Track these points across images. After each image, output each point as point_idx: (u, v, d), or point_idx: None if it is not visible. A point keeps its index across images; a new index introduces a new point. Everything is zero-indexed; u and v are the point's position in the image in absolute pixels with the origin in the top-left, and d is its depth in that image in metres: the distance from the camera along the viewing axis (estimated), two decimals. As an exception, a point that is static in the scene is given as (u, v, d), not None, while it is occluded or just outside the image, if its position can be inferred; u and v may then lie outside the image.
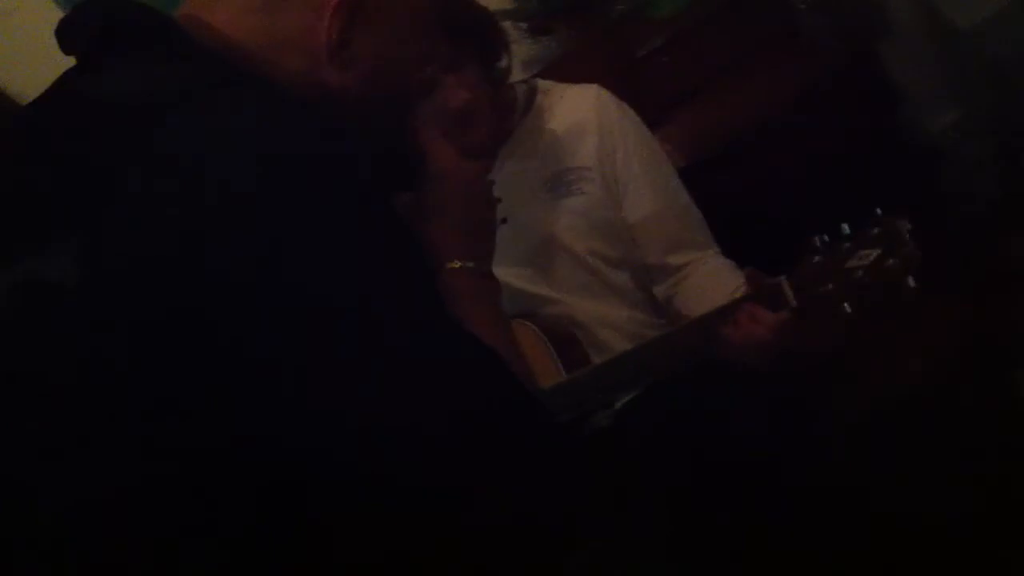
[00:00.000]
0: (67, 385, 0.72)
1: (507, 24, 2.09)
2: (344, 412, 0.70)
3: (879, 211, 1.39)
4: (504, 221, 1.71)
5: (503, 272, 1.72)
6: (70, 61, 0.88)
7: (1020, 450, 1.72)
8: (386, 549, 0.73)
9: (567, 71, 2.12)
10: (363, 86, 0.90)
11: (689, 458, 1.55)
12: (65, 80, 0.86)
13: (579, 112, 1.78)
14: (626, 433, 1.65)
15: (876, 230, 1.38)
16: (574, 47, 2.36)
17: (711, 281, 1.69)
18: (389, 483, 0.72)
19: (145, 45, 0.83)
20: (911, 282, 1.35)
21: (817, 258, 1.42)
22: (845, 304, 1.41)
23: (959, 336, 1.93)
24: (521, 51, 2.30)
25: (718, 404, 1.59)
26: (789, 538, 1.48)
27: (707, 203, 1.85)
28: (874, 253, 1.36)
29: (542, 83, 1.83)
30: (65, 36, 0.87)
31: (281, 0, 0.87)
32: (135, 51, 0.83)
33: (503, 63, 1.73)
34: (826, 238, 1.43)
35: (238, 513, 0.71)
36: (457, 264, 1.00)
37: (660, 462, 1.58)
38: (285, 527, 0.71)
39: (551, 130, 1.77)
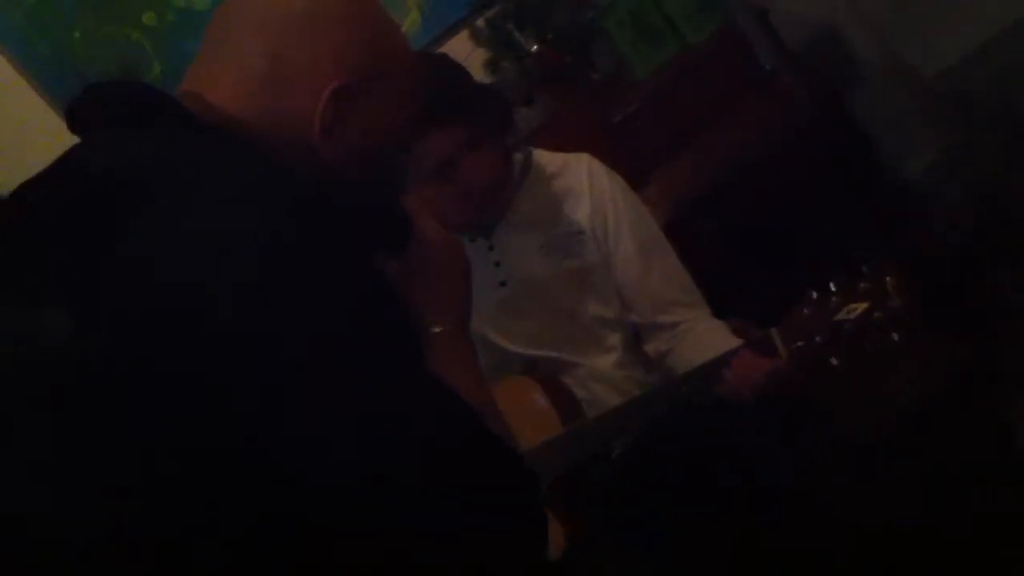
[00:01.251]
0: (71, 388, 0.76)
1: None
2: (327, 455, 0.75)
3: (865, 268, 1.44)
4: (504, 284, 1.77)
5: (501, 333, 1.78)
6: (54, 149, 0.93)
7: (998, 475, 1.76)
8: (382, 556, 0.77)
9: (549, 139, 2.16)
10: (353, 159, 0.99)
11: (683, 479, 1.62)
12: (70, 155, 0.92)
13: (572, 179, 1.83)
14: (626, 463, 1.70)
15: (863, 285, 1.44)
16: (554, 115, 2.41)
17: (708, 339, 1.72)
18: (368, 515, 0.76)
19: (148, 122, 0.90)
20: (895, 337, 1.41)
21: (806, 311, 1.47)
22: (833, 359, 1.46)
23: (938, 367, 1.97)
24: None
25: (710, 429, 1.65)
26: (778, 553, 1.52)
27: (689, 254, 1.89)
28: (861, 307, 1.42)
29: (536, 152, 1.89)
30: (73, 116, 0.94)
31: (281, 82, 0.95)
32: (138, 127, 0.90)
33: (511, 137, 1.80)
34: (814, 294, 1.48)
35: (239, 516, 0.75)
36: (437, 328, 1.05)
37: (655, 482, 1.65)
38: (285, 531, 0.75)
39: (547, 196, 1.82)
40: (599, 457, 1.69)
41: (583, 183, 1.82)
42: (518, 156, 1.86)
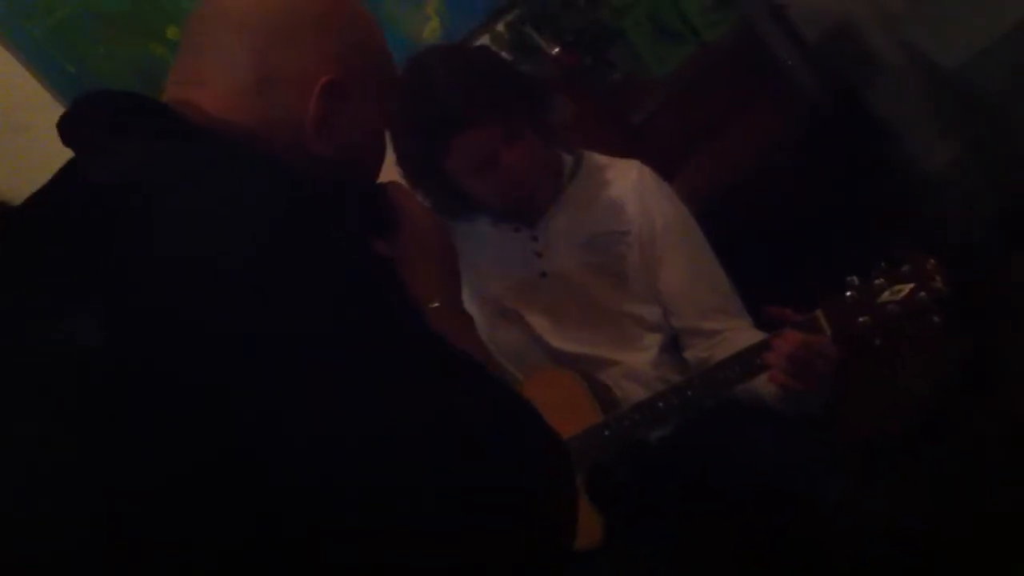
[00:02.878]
0: (73, 390, 0.76)
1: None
2: (340, 426, 0.74)
3: (908, 250, 1.46)
4: (544, 275, 1.81)
5: (541, 324, 1.81)
6: None
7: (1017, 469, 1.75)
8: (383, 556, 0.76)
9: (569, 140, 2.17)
10: (344, 152, 1.00)
11: (693, 481, 1.64)
12: (69, 168, 0.92)
13: (622, 182, 1.86)
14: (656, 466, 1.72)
15: (906, 267, 1.45)
16: (572, 117, 2.41)
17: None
18: (385, 489, 0.75)
19: (141, 129, 0.91)
20: (936, 319, 1.42)
21: (850, 293, 1.48)
22: (876, 339, 1.47)
23: (959, 362, 1.96)
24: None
25: (737, 436, 1.68)
26: (784, 556, 1.53)
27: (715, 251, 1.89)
28: (907, 288, 1.43)
29: (588, 153, 1.91)
30: (65, 130, 0.94)
31: (270, 82, 0.96)
32: (132, 135, 0.90)
33: (556, 122, 1.82)
34: (855, 279, 1.49)
35: (239, 519, 0.74)
36: (435, 304, 1.08)
37: (666, 483, 1.66)
38: (285, 533, 0.74)
39: (596, 196, 1.85)
40: (632, 449, 1.70)
41: (633, 187, 1.85)
42: (568, 155, 1.89)
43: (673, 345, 1.85)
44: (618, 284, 1.81)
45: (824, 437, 1.75)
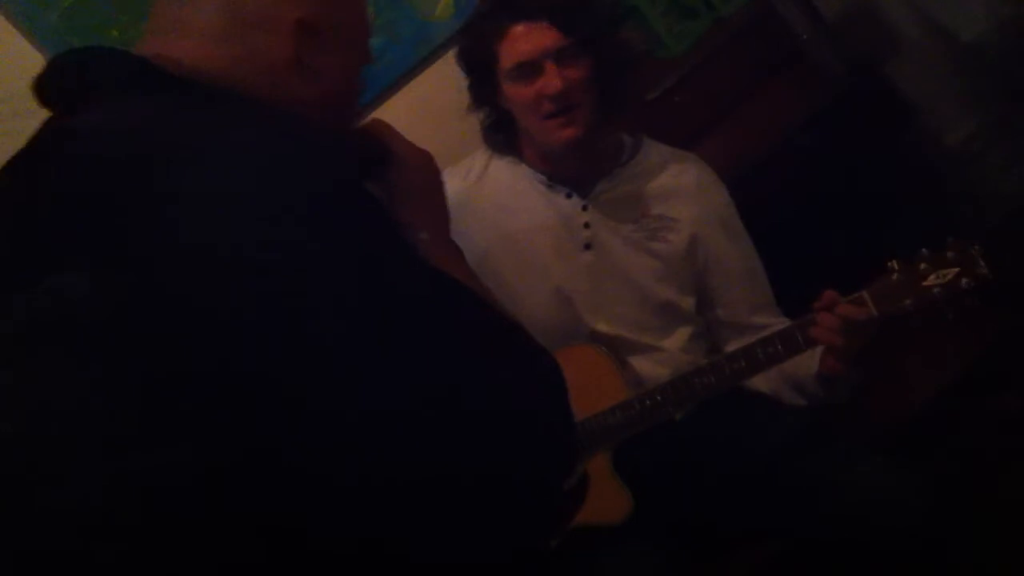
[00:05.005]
0: (86, 384, 0.76)
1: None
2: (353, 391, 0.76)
3: (950, 237, 1.49)
4: (588, 247, 1.81)
5: (579, 297, 1.81)
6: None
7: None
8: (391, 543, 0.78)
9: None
10: (321, 93, 1.00)
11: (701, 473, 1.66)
12: (51, 127, 0.92)
13: (679, 171, 1.87)
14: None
15: (951, 253, 1.48)
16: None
17: None
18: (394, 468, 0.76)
19: (124, 85, 0.91)
20: (976, 303, 1.46)
21: (896, 275, 1.51)
22: (916, 322, 1.51)
23: (983, 345, 1.95)
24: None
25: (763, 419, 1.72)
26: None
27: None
28: (952, 272, 1.46)
29: (648, 140, 1.92)
30: (44, 89, 0.94)
31: (242, 27, 0.96)
32: (115, 91, 0.90)
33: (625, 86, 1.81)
34: (895, 264, 1.52)
35: (248, 513, 0.75)
36: (424, 235, 1.09)
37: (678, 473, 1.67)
38: (291, 528, 0.75)
39: (650, 179, 1.86)
40: (661, 427, 1.71)
41: (690, 178, 1.86)
42: (628, 137, 1.90)
43: (701, 337, 1.87)
44: (660, 269, 1.82)
45: (852, 424, 1.76)
